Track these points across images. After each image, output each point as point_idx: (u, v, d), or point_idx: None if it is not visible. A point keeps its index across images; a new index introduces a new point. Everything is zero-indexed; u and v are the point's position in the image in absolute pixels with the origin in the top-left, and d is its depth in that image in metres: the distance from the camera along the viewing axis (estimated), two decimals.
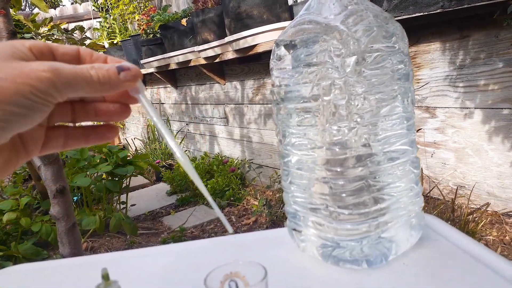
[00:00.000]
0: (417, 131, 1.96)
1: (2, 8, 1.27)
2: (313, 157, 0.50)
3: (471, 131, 1.77)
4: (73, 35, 2.68)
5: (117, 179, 2.40)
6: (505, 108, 1.62)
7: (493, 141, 1.70)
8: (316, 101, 0.48)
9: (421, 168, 1.95)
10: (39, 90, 0.27)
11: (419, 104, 1.93)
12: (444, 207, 1.65)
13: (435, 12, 1.57)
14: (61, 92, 0.29)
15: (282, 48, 0.53)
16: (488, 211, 1.81)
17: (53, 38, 2.59)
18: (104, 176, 2.42)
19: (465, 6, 1.46)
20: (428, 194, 2.00)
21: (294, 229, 0.57)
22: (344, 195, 0.48)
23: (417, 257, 0.53)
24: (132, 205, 2.92)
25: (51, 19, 2.67)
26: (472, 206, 1.86)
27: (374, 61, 0.46)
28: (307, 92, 0.49)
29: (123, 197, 2.68)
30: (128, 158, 2.43)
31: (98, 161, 2.27)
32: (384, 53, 0.47)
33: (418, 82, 1.90)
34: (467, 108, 1.75)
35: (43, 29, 2.63)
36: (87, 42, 2.71)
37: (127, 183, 2.56)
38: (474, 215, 1.65)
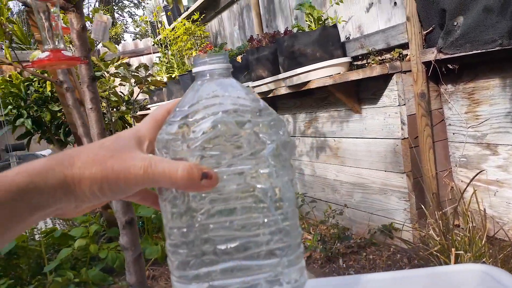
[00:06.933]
0: (479, 172, 1.90)
1: (85, 57, 1.43)
2: None
3: None
4: (138, 72, 2.91)
5: None
6: None
7: None
8: None
9: (484, 208, 1.89)
10: (128, 185, 0.34)
11: (479, 141, 1.88)
12: (510, 250, 1.58)
13: (493, 49, 1.55)
14: (144, 186, 0.35)
15: None
16: None
17: (120, 75, 2.82)
18: None
19: None
20: (493, 235, 1.91)
21: None
22: None
23: None
24: None
25: (118, 58, 2.91)
26: None
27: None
28: None
29: None
30: None
31: None
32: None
33: (478, 118, 1.86)
34: None
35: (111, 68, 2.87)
36: (150, 79, 2.91)
37: None
38: None
